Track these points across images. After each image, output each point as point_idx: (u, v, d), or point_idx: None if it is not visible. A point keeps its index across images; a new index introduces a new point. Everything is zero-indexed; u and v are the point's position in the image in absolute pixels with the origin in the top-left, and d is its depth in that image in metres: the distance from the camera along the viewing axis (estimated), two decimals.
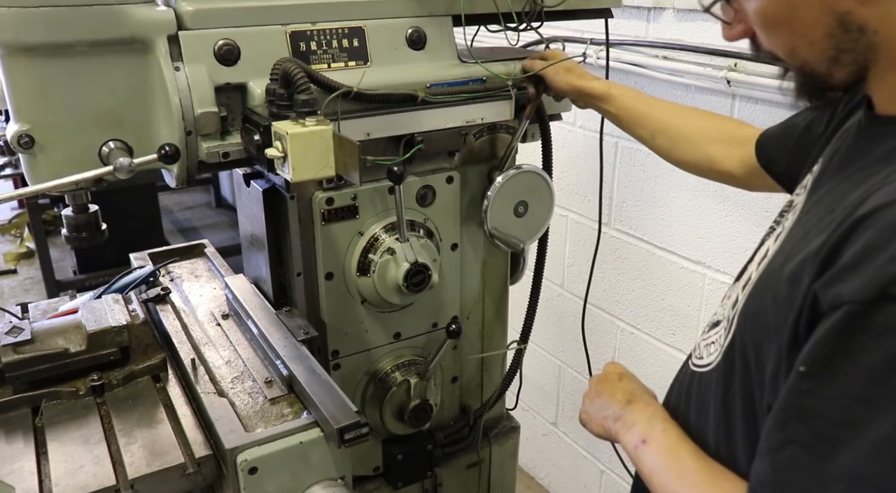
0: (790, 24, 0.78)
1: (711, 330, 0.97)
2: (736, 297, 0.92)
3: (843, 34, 0.75)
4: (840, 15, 0.74)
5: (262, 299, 1.36)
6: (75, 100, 1.06)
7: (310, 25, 1.21)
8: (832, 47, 0.76)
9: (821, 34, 0.76)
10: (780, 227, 0.91)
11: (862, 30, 0.74)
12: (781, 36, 0.80)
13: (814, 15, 0.75)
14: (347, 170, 1.07)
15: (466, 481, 1.61)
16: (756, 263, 0.92)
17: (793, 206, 0.91)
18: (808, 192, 0.88)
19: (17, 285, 4.90)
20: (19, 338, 1.13)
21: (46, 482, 0.98)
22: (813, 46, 0.77)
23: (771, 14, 0.79)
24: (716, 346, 0.91)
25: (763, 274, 0.83)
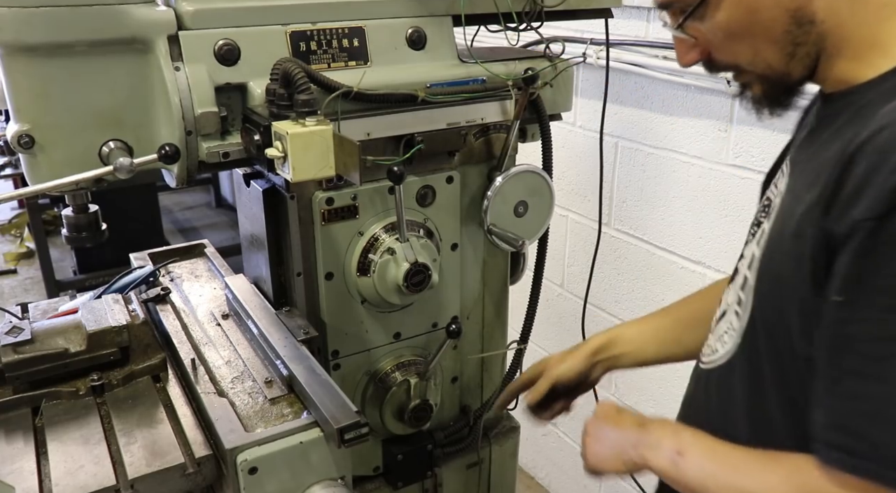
0: (753, 29, 0.84)
1: (718, 325, 0.98)
2: (737, 295, 0.93)
3: (797, 28, 0.82)
4: (794, 11, 0.81)
5: (262, 299, 1.36)
6: (75, 100, 1.06)
7: (310, 25, 1.21)
8: (790, 43, 0.84)
9: (780, 32, 0.83)
10: (760, 229, 0.94)
11: (812, 21, 0.82)
12: (744, 42, 0.86)
13: (772, 16, 0.82)
14: (347, 170, 1.07)
15: (466, 481, 1.61)
16: (746, 261, 0.94)
17: (771, 205, 0.93)
18: (787, 180, 0.90)
19: (17, 284, 4.91)
20: (19, 338, 1.13)
21: (46, 482, 0.98)
22: (774, 45, 0.84)
23: (735, 23, 0.84)
24: (729, 335, 0.93)
25: (767, 248, 0.86)
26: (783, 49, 0.84)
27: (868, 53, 0.83)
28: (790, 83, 0.88)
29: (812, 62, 0.85)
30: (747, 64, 0.88)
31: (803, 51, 0.84)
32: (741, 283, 0.93)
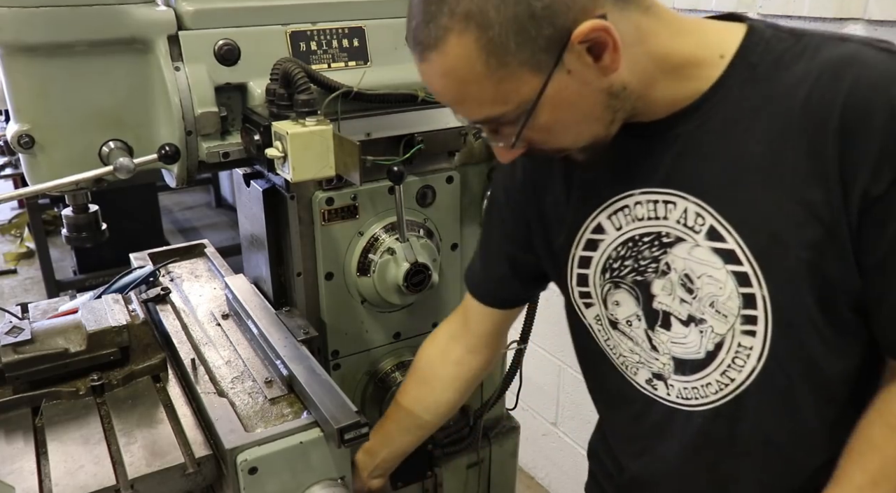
0: (576, 119, 0.86)
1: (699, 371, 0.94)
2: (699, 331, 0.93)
3: (615, 99, 0.85)
4: (607, 89, 0.84)
5: (262, 299, 1.36)
6: (75, 100, 1.06)
7: (310, 25, 1.21)
8: (610, 113, 0.87)
9: (601, 109, 0.86)
10: (666, 258, 0.93)
11: (624, 86, 0.85)
12: (568, 132, 0.88)
13: (590, 101, 0.84)
14: (347, 170, 1.07)
15: (466, 481, 1.61)
16: (669, 299, 0.94)
17: (668, 235, 0.92)
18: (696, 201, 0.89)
19: (17, 284, 4.90)
20: (19, 338, 1.13)
21: (46, 482, 0.98)
22: (597, 122, 0.87)
23: (559, 122, 0.85)
24: (740, 359, 0.91)
25: (762, 259, 0.85)
26: (604, 120, 0.87)
27: (685, 72, 0.87)
28: (608, 141, 0.90)
29: (628, 114, 0.88)
30: (571, 145, 0.90)
31: (621, 113, 0.87)
32: (738, 304, 0.89)
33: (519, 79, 0.80)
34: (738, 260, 0.87)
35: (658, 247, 0.94)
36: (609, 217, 0.97)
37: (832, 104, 0.78)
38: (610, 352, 1.06)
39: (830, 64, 0.80)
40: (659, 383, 1.00)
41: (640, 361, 1.01)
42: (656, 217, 0.93)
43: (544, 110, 0.83)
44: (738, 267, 0.87)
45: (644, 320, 0.98)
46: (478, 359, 1.27)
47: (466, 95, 0.83)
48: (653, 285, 0.95)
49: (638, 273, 0.96)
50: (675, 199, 0.91)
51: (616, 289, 0.99)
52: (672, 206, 0.91)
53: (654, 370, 1.00)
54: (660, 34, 0.85)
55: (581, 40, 0.78)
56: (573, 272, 1.04)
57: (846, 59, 0.80)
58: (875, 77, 0.78)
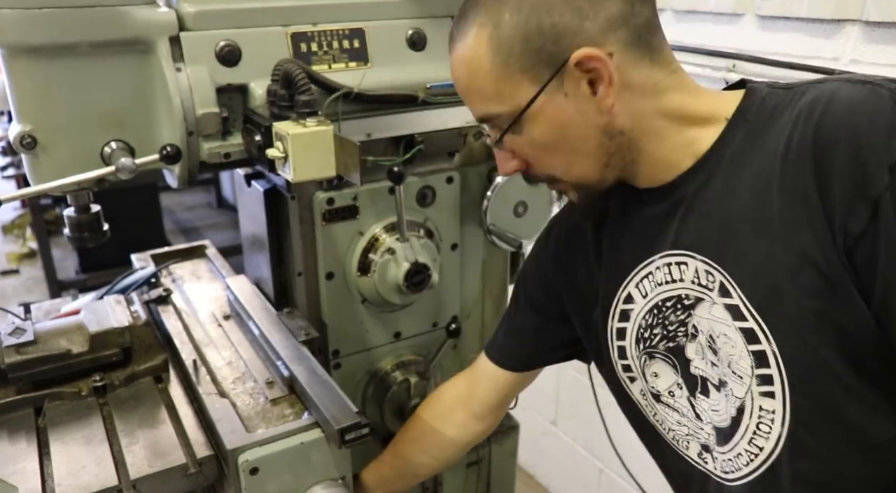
0: (565, 144, 0.88)
1: (730, 440, 0.90)
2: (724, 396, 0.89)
3: (610, 141, 0.87)
4: (603, 126, 0.86)
5: (263, 300, 1.36)
6: (77, 100, 1.06)
7: (311, 26, 1.22)
8: (604, 154, 0.88)
9: (593, 146, 0.88)
10: (692, 320, 0.91)
11: (622, 132, 0.87)
12: (558, 156, 0.90)
13: (583, 132, 0.87)
14: (348, 170, 1.08)
15: (466, 479, 1.61)
16: (703, 363, 0.91)
17: (688, 297, 0.91)
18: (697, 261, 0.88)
19: (19, 284, 4.91)
20: (22, 339, 1.13)
21: (49, 482, 0.98)
22: (587, 158, 0.89)
23: (548, 139, 0.87)
24: (764, 425, 0.86)
25: (770, 316, 0.82)
26: (598, 160, 0.89)
27: (691, 133, 0.88)
28: (602, 188, 0.92)
29: (626, 165, 0.90)
30: (562, 174, 0.92)
31: (617, 158, 0.89)
32: (750, 363, 0.85)
33: (516, 83, 0.85)
34: (743, 316, 0.84)
35: (682, 310, 0.92)
36: (636, 286, 0.97)
37: (805, 145, 0.77)
38: (660, 427, 1.02)
39: (806, 106, 0.80)
40: (708, 456, 0.96)
41: (689, 433, 0.97)
42: (673, 280, 0.92)
43: (536, 124, 0.87)
44: (744, 323, 0.84)
45: (685, 388, 0.95)
46: (482, 425, 1.29)
47: (472, 87, 0.89)
48: (686, 349, 0.93)
49: (669, 339, 0.94)
50: (685, 259, 0.90)
51: (651, 360, 0.98)
52: (685, 267, 0.90)
53: (702, 442, 0.96)
54: (676, 94, 0.87)
55: (577, 63, 0.81)
56: (613, 345, 1.03)
57: (819, 99, 0.79)
58: (839, 111, 0.76)
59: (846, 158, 0.74)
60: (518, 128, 0.88)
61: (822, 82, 0.83)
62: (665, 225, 0.92)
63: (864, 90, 0.77)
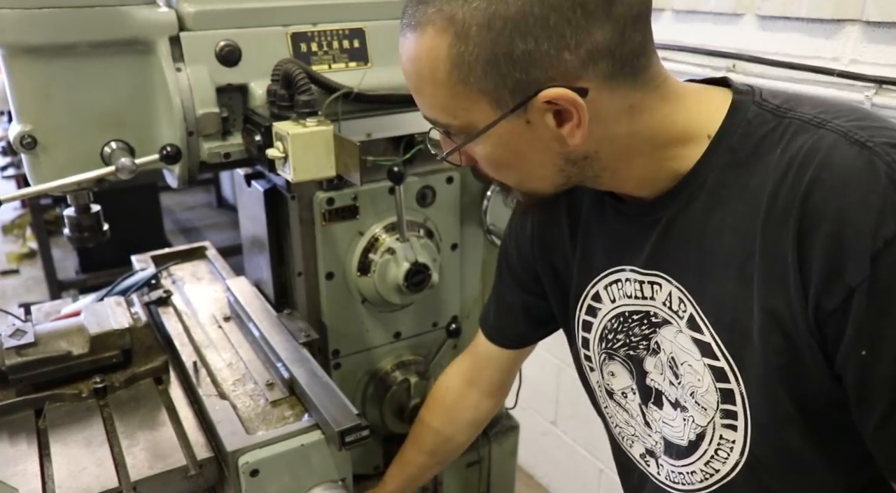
0: (520, 166, 0.81)
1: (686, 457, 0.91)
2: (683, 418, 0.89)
3: (572, 167, 0.80)
4: (564, 154, 0.79)
5: (263, 301, 1.36)
6: (77, 100, 1.06)
7: (311, 26, 1.21)
8: (563, 178, 0.82)
9: (551, 171, 0.81)
10: (656, 338, 0.90)
11: (586, 157, 0.80)
12: (510, 173, 0.84)
13: (542, 157, 0.79)
14: (348, 170, 1.07)
15: (466, 479, 1.61)
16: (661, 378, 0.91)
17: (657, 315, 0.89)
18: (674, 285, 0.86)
19: (19, 284, 4.91)
20: (22, 341, 1.13)
21: (49, 484, 0.98)
22: (544, 180, 0.83)
23: (499, 159, 0.81)
24: (723, 450, 0.87)
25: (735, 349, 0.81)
26: (554, 182, 0.83)
27: (669, 152, 0.81)
28: (551, 198, 0.87)
29: (587, 180, 0.84)
30: (514, 185, 0.86)
31: (576, 178, 0.83)
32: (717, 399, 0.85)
33: (474, 103, 0.76)
34: (715, 355, 0.83)
35: (648, 326, 0.91)
36: (605, 288, 0.96)
37: (790, 208, 0.72)
38: (609, 420, 1.05)
39: (797, 158, 0.73)
40: (651, 459, 0.98)
41: (635, 434, 0.99)
42: (643, 297, 0.90)
43: (489, 144, 0.79)
44: (715, 362, 0.83)
45: (638, 395, 0.96)
46: (492, 402, 1.31)
47: (423, 90, 0.79)
48: (645, 361, 0.93)
49: (630, 348, 0.94)
50: (659, 280, 0.88)
51: (611, 360, 0.98)
52: (658, 287, 0.88)
53: (648, 446, 0.98)
54: (655, 111, 0.79)
55: (547, 101, 0.73)
56: (579, 334, 1.03)
57: (811, 155, 0.72)
58: (831, 182, 0.70)
59: (829, 238, 0.69)
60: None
61: (817, 125, 0.75)
62: (640, 239, 0.89)
63: (860, 159, 0.70)
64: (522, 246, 1.11)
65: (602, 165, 0.81)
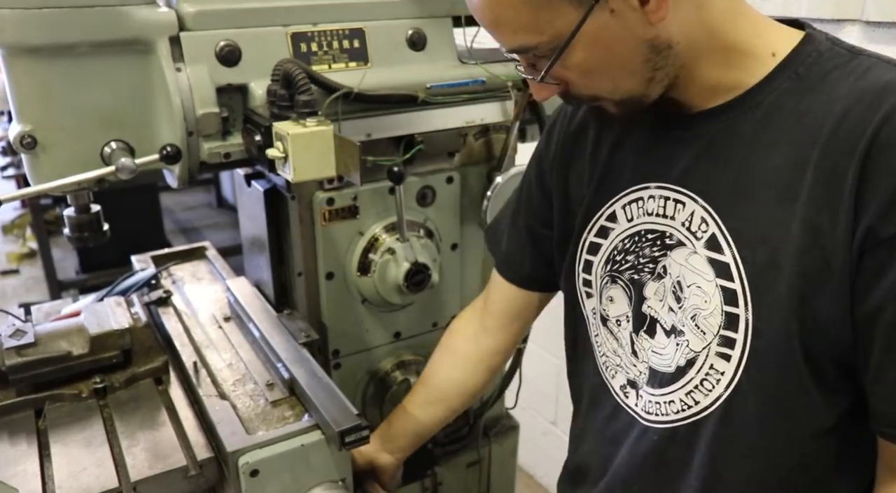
0: (612, 64, 0.81)
1: (667, 386, 0.91)
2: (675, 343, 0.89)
3: (656, 55, 0.80)
4: (651, 40, 0.79)
5: (263, 301, 1.36)
6: (77, 100, 1.06)
7: (311, 26, 1.21)
8: (650, 69, 0.81)
9: (639, 62, 0.81)
10: (665, 260, 0.89)
11: (670, 46, 0.80)
12: (604, 76, 0.83)
13: (630, 49, 0.79)
14: (348, 170, 1.07)
15: (466, 479, 1.61)
16: (660, 305, 0.90)
17: (672, 237, 0.89)
18: (704, 205, 0.86)
19: (19, 284, 4.91)
20: (22, 341, 1.13)
21: (49, 484, 0.98)
22: (634, 75, 0.82)
23: (594, 62, 0.81)
24: (710, 382, 0.87)
25: (754, 279, 0.81)
26: (643, 76, 0.82)
27: (732, 59, 0.83)
28: (647, 104, 0.86)
29: (671, 81, 0.84)
30: (607, 94, 0.85)
31: (662, 74, 0.82)
32: (719, 323, 0.85)
33: (557, 9, 0.76)
34: (731, 276, 0.83)
35: (660, 247, 0.91)
36: (623, 207, 0.95)
37: (862, 131, 0.73)
38: (596, 348, 1.04)
39: (873, 90, 0.75)
40: (631, 391, 0.98)
41: (620, 364, 0.99)
42: (664, 215, 0.90)
43: (579, 48, 0.78)
44: (729, 283, 0.83)
45: (631, 323, 0.96)
46: (490, 340, 1.24)
47: (502, 19, 0.79)
48: (646, 287, 0.93)
49: (636, 271, 0.94)
50: (684, 199, 0.88)
51: (613, 284, 0.97)
52: (681, 206, 0.88)
53: (630, 377, 0.97)
54: (717, 7, 0.80)
55: None
56: (582, 257, 1.01)
57: (890, 87, 0.74)
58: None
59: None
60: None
61: (892, 64, 0.78)
62: (675, 155, 0.89)
63: None
64: (544, 165, 1.09)
65: (681, 61, 0.82)
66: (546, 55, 0.81)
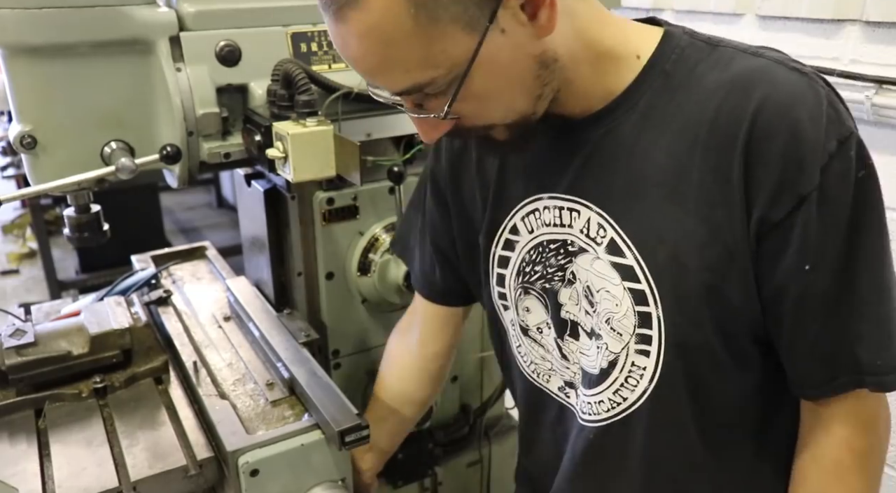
0: (507, 87, 0.79)
1: (595, 386, 0.92)
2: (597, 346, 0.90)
3: (545, 70, 0.79)
4: (538, 55, 0.78)
5: (263, 301, 1.36)
6: (77, 100, 1.06)
7: (311, 26, 1.22)
8: (539, 86, 0.80)
9: (531, 79, 0.79)
10: (571, 267, 0.90)
11: (556, 59, 0.79)
12: (499, 101, 0.80)
13: (522, 67, 0.78)
14: (348, 170, 1.08)
15: (466, 479, 1.61)
16: (576, 309, 0.92)
17: (573, 244, 0.90)
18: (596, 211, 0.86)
19: (19, 284, 4.91)
20: (22, 340, 1.13)
21: (49, 483, 0.98)
22: (525, 94, 0.80)
23: (491, 88, 0.78)
24: (633, 378, 0.88)
25: (660, 277, 0.82)
26: (532, 93, 0.80)
27: (603, 66, 0.83)
28: (535, 122, 0.83)
29: (554, 95, 0.83)
30: (500, 120, 0.82)
31: (549, 89, 0.81)
32: (634, 323, 0.86)
33: (451, 37, 0.71)
34: (636, 277, 0.83)
35: (564, 255, 0.91)
36: (522, 219, 0.95)
37: (738, 123, 0.76)
38: (520, 359, 1.04)
39: (740, 79, 0.77)
40: (571, 391, 0.99)
41: (552, 369, 1.00)
42: (562, 224, 0.90)
43: (477, 76, 0.74)
44: (636, 285, 0.84)
45: (553, 329, 0.96)
46: (426, 349, 1.22)
47: (391, 60, 0.73)
48: (560, 293, 0.93)
49: (546, 280, 0.94)
50: (578, 207, 0.88)
51: (526, 295, 0.97)
52: (576, 214, 0.88)
53: (566, 379, 0.98)
54: (586, 17, 0.81)
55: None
56: (493, 271, 1.01)
57: (756, 76, 0.77)
58: (781, 98, 0.75)
59: (782, 150, 0.74)
60: None
61: (752, 54, 0.80)
62: (562, 166, 0.89)
63: (802, 82, 0.76)
64: (438, 180, 1.07)
65: (563, 74, 0.81)
66: (442, 91, 0.76)
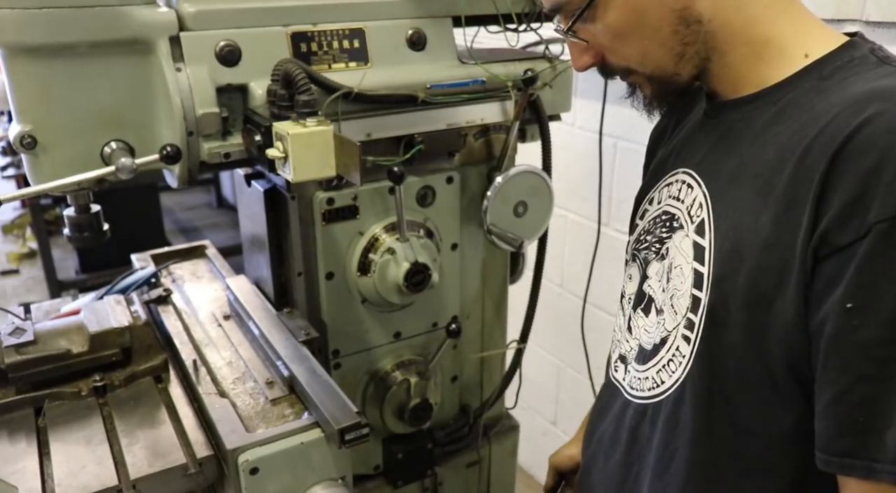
0: (640, 30, 0.84)
1: (658, 354, 0.92)
2: (675, 319, 0.89)
3: (685, 28, 0.83)
4: (679, 11, 0.82)
5: (263, 300, 1.36)
6: (77, 100, 1.06)
7: (311, 26, 1.22)
8: (678, 43, 0.84)
9: (667, 32, 0.84)
10: (665, 246, 0.93)
11: (699, 20, 0.82)
12: (633, 43, 0.86)
13: (658, 16, 0.83)
14: (348, 170, 1.08)
15: (466, 479, 1.62)
16: (657, 285, 0.93)
17: (675, 219, 0.92)
18: (703, 191, 0.89)
19: (19, 284, 4.91)
20: (22, 339, 1.13)
21: (49, 482, 0.98)
22: (662, 46, 0.85)
23: (622, 25, 0.84)
24: (675, 362, 0.88)
25: (719, 266, 0.82)
26: (672, 50, 0.85)
27: (765, 53, 0.84)
28: (680, 84, 0.88)
29: (701, 62, 0.86)
30: (637, 65, 0.88)
31: (692, 51, 0.84)
32: (687, 305, 0.86)
33: None
34: (703, 260, 0.84)
35: (667, 229, 0.94)
36: (660, 190, 1.00)
37: (843, 130, 0.72)
38: (616, 323, 1.08)
39: (864, 94, 0.74)
40: (621, 365, 1.01)
41: (619, 339, 1.03)
42: (679, 199, 0.94)
43: (610, 8, 0.83)
44: (700, 266, 0.85)
45: (633, 301, 0.99)
46: None
47: None
48: (650, 266, 0.96)
49: (650, 251, 0.98)
50: (693, 184, 0.91)
51: (633, 262, 1.02)
52: (690, 190, 0.91)
53: (622, 352, 1.01)
54: (766, 6, 0.83)
55: None
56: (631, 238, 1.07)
57: (878, 93, 0.73)
58: (882, 127, 0.70)
59: (868, 168, 0.69)
60: (591, 15, 0.85)
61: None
62: (703, 142, 0.93)
63: None
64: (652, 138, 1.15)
65: (711, 43, 0.84)
66: (579, 13, 0.85)
